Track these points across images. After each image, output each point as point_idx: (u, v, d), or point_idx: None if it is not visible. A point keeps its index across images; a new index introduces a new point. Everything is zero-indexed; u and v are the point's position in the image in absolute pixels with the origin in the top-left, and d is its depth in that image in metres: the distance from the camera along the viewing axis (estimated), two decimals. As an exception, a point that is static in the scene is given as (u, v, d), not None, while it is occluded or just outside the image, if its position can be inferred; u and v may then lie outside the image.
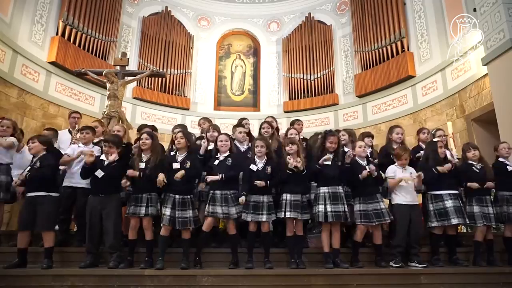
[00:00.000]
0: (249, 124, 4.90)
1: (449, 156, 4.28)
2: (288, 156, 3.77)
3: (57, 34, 8.67)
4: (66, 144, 4.80)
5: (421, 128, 4.95)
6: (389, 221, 3.81)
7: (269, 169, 3.76)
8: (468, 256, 4.05)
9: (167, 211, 3.61)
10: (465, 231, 5.26)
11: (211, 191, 3.76)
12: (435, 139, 4.31)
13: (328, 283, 3.45)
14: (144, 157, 3.81)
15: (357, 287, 3.43)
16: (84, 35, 9.16)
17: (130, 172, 3.63)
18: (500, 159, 4.31)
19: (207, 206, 3.73)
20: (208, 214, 3.71)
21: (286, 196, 3.74)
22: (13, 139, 4.31)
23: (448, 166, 3.95)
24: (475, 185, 3.96)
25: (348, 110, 10.40)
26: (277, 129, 4.98)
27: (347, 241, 4.21)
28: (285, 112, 10.96)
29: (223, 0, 11.93)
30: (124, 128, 4.71)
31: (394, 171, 4.04)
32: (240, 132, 4.40)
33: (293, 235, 3.77)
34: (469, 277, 3.60)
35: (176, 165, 3.73)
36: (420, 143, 4.71)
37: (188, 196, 3.70)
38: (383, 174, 3.98)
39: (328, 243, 3.76)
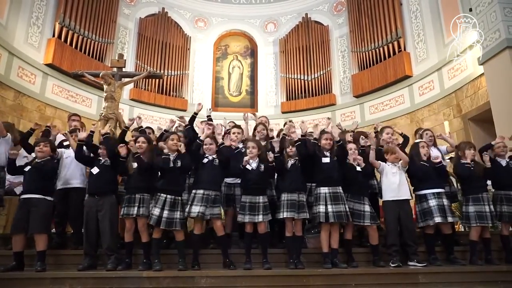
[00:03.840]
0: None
1: (433, 155, 4.25)
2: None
3: (53, 36, 8.65)
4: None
5: (419, 129, 5.02)
6: (368, 224, 3.81)
7: (262, 166, 3.81)
8: (465, 255, 4.06)
9: (155, 211, 3.58)
10: (463, 229, 5.27)
11: (193, 191, 3.75)
12: (416, 140, 4.39)
13: (327, 283, 3.45)
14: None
15: (356, 287, 3.44)
16: (80, 37, 9.14)
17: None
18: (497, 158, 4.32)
19: (188, 207, 3.69)
20: (187, 215, 3.70)
21: (284, 196, 3.77)
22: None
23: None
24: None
25: (346, 110, 10.42)
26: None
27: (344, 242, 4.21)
28: (283, 112, 10.97)
29: (220, 1, 11.93)
30: (113, 131, 4.85)
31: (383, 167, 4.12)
32: (234, 133, 4.43)
33: (292, 236, 3.77)
34: (467, 276, 3.61)
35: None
36: None
37: (179, 198, 3.70)
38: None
39: (327, 244, 3.77)
